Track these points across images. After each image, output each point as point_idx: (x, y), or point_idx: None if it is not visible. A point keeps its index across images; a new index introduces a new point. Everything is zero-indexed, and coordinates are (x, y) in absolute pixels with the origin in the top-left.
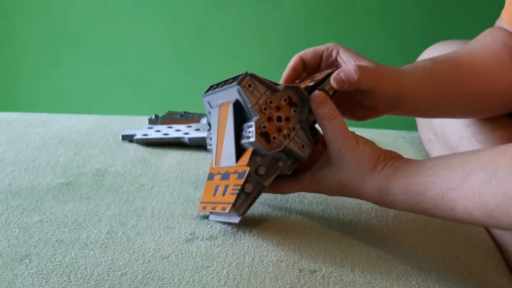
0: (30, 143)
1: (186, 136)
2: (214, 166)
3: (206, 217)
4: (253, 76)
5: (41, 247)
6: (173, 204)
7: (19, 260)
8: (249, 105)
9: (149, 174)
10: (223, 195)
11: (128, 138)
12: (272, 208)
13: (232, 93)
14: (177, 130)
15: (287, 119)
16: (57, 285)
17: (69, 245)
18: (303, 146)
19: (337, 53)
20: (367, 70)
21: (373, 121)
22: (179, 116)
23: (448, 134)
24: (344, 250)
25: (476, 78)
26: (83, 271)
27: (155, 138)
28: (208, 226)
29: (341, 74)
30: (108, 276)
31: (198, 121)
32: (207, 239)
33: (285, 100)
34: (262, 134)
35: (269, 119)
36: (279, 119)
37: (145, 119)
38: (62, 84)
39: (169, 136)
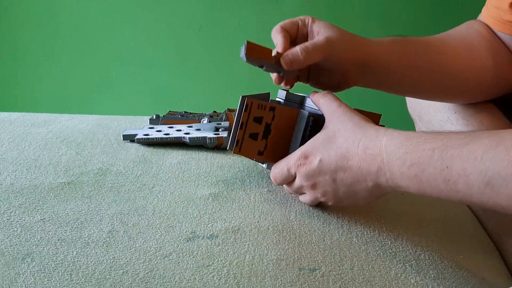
0: (32, 143)
1: (187, 136)
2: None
3: (207, 215)
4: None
5: (43, 246)
6: (174, 203)
7: (21, 259)
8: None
9: (150, 174)
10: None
11: (130, 138)
12: (272, 207)
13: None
14: (178, 130)
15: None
16: (59, 283)
17: (71, 244)
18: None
19: (309, 24)
20: (316, 46)
21: None
22: (180, 116)
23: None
24: (343, 249)
25: (444, 54)
26: (84, 270)
27: (156, 138)
28: (209, 225)
29: (289, 55)
30: (109, 274)
31: (199, 121)
32: (208, 238)
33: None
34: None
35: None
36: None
37: (146, 119)
38: (64, 85)
39: (170, 136)
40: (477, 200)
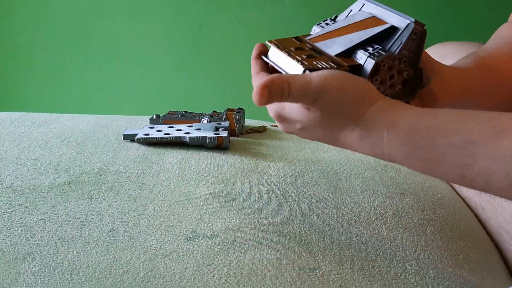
0: (32, 142)
1: (187, 135)
2: (311, 35)
3: (207, 215)
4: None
5: (43, 245)
6: (174, 203)
7: (22, 258)
8: (400, 43)
9: (150, 173)
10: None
11: (130, 138)
12: (272, 207)
13: (399, 21)
14: (178, 130)
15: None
16: (59, 283)
17: (71, 243)
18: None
19: None
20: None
21: None
22: (180, 116)
23: None
24: (343, 248)
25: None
26: (85, 269)
27: (156, 138)
28: (209, 225)
29: None
30: (110, 274)
31: (199, 121)
32: (208, 238)
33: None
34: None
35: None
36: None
37: (147, 118)
38: (64, 84)
39: (170, 135)
40: (494, 193)
